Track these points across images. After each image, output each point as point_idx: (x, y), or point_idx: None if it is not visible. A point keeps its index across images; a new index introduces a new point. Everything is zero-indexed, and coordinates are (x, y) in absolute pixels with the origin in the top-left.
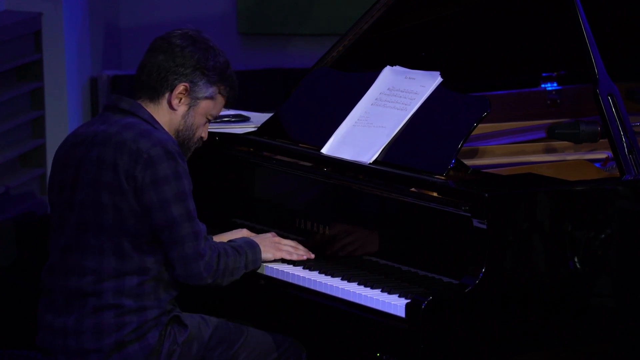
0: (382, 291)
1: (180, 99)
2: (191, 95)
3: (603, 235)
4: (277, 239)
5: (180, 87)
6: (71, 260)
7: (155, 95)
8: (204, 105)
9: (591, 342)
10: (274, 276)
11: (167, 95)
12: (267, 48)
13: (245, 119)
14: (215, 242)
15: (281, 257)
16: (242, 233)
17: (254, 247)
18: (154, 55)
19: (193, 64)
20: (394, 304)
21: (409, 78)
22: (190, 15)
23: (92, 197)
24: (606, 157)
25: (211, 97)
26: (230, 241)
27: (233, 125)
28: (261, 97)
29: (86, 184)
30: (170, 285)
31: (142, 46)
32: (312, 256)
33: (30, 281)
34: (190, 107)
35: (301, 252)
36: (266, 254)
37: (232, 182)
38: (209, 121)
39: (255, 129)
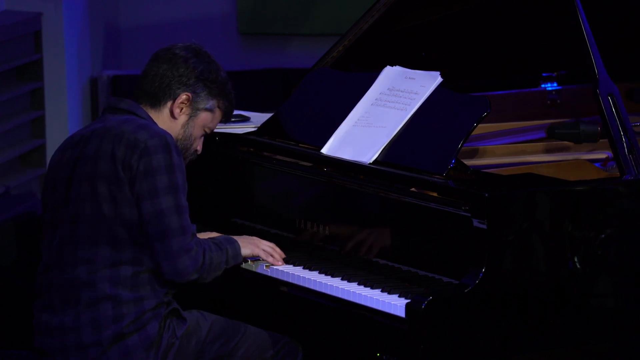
0: (382, 291)
1: (182, 108)
2: (192, 105)
3: (603, 235)
4: (257, 239)
5: (183, 97)
6: (65, 254)
7: (157, 103)
8: (203, 117)
9: (591, 342)
10: (274, 276)
11: (169, 103)
12: (267, 48)
13: (245, 119)
14: (200, 239)
15: (258, 254)
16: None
17: (233, 243)
18: (157, 64)
19: (196, 75)
20: (394, 304)
21: (409, 78)
22: (190, 15)
23: (88, 189)
24: (606, 157)
25: (211, 110)
26: (210, 238)
27: (233, 125)
28: (261, 97)
29: (82, 178)
30: (166, 279)
31: (142, 46)
32: (280, 264)
33: (29, 281)
34: (190, 117)
35: (277, 256)
36: (244, 249)
37: (232, 182)
38: (206, 134)
39: (255, 129)
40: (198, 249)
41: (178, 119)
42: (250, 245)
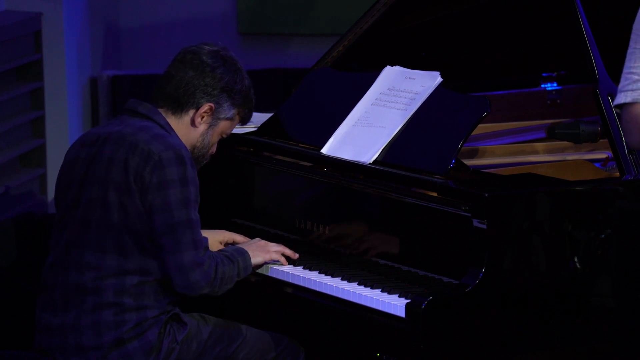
0: (382, 291)
1: (203, 117)
2: (214, 115)
3: (603, 235)
4: (263, 242)
5: (206, 107)
6: (72, 257)
7: (179, 109)
8: (223, 125)
9: (591, 342)
10: (274, 276)
11: (191, 112)
12: (267, 48)
13: None
14: (213, 252)
15: (270, 258)
16: (224, 235)
17: (244, 254)
18: (183, 69)
19: (222, 86)
20: (394, 304)
21: (409, 78)
22: (190, 15)
23: (99, 194)
24: (606, 157)
25: (231, 118)
26: (220, 250)
27: None
28: (261, 97)
29: (95, 181)
30: (171, 289)
31: (142, 46)
32: (297, 256)
33: (30, 281)
34: (210, 126)
35: (289, 255)
36: (256, 258)
37: (232, 182)
38: (221, 138)
39: (255, 129)
40: (210, 262)
41: (198, 128)
42: (261, 254)
